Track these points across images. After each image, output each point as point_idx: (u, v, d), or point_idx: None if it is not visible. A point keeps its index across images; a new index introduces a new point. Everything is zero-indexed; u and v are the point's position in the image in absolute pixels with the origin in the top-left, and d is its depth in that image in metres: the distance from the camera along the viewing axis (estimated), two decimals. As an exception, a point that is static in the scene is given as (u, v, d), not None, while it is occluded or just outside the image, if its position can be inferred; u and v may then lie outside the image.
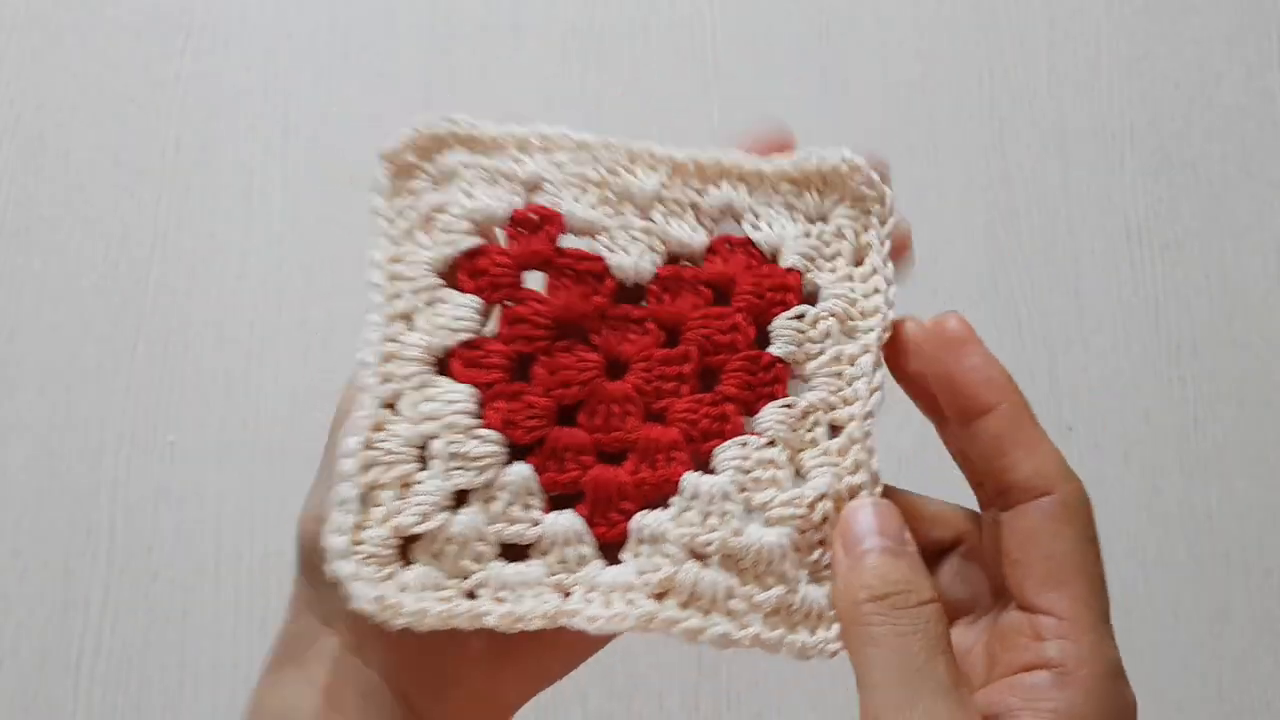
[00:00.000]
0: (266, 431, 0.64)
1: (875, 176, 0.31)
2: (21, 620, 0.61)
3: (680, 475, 0.29)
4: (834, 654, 0.29)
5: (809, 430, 0.30)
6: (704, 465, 0.30)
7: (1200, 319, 0.67)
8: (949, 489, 0.31)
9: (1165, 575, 0.62)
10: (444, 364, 0.30)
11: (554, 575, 0.29)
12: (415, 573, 0.28)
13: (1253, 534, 0.63)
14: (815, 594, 0.29)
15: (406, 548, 0.29)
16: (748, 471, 0.29)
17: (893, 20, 0.73)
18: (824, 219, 0.32)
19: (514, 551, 0.29)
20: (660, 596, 0.29)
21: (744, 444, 0.30)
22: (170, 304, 0.67)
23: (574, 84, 0.71)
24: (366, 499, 0.29)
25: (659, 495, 0.29)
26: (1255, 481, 0.64)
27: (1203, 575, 0.62)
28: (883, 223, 0.31)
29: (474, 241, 0.31)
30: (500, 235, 0.31)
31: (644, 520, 0.29)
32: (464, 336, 0.30)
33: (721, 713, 0.60)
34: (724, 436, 0.30)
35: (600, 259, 0.31)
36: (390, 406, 0.29)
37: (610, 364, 0.31)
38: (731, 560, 0.29)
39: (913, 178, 0.69)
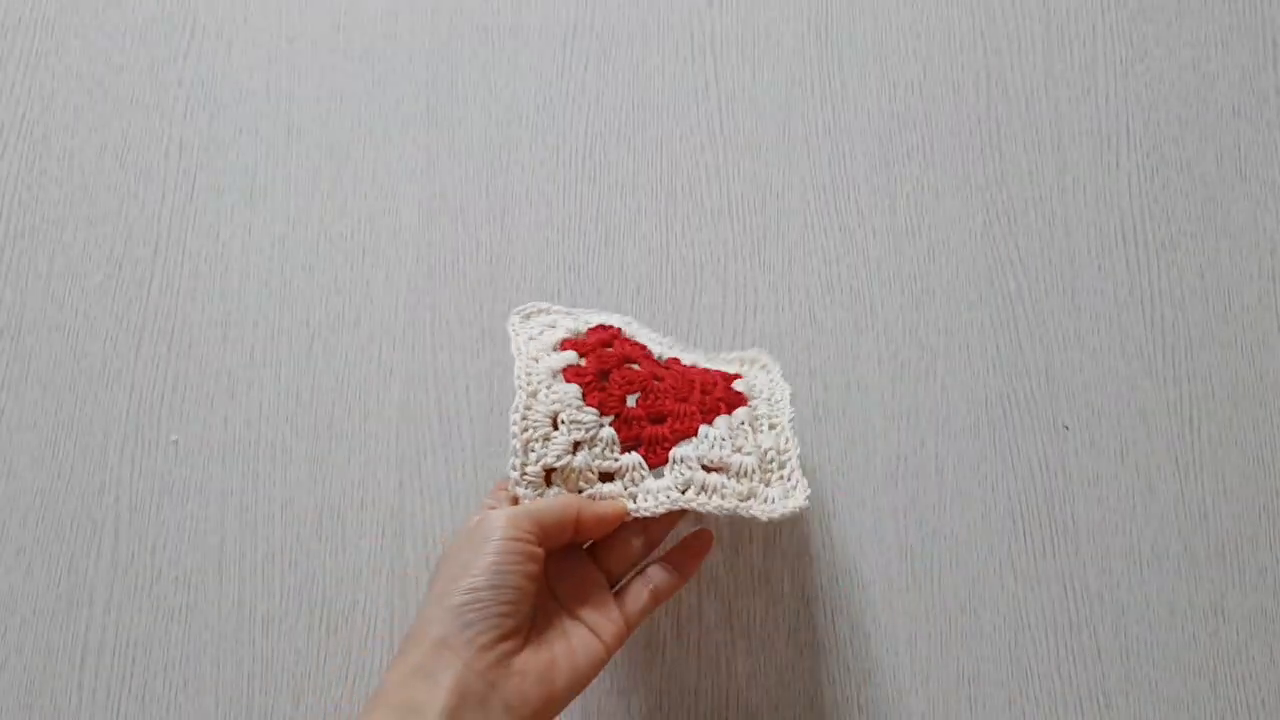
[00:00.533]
0: (269, 431, 0.65)
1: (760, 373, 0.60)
2: (26, 618, 0.62)
3: (699, 426, 0.53)
4: (768, 518, 0.51)
5: (763, 420, 0.55)
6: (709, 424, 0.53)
7: (1195, 319, 0.67)
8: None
9: (1160, 573, 0.63)
10: (559, 378, 0.53)
11: (627, 489, 0.51)
12: (554, 490, 0.51)
13: (1247, 532, 0.63)
14: (765, 491, 0.52)
15: (549, 476, 0.51)
16: (733, 429, 0.53)
17: (891, 21, 0.73)
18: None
19: (606, 479, 0.52)
20: (683, 491, 0.51)
21: (730, 418, 0.54)
22: (174, 304, 0.67)
23: (574, 84, 0.72)
24: (525, 449, 0.50)
25: (686, 437, 0.52)
26: (1249, 480, 0.64)
27: (1197, 573, 0.63)
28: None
29: (571, 331, 0.57)
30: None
31: (678, 450, 0.52)
32: (571, 363, 0.53)
33: (720, 710, 0.60)
34: (719, 414, 0.54)
35: (644, 345, 0.57)
36: (533, 396, 0.51)
37: (654, 376, 0.54)
38: (724, 469, 0.52)
39: (911, 178, 0.70)
